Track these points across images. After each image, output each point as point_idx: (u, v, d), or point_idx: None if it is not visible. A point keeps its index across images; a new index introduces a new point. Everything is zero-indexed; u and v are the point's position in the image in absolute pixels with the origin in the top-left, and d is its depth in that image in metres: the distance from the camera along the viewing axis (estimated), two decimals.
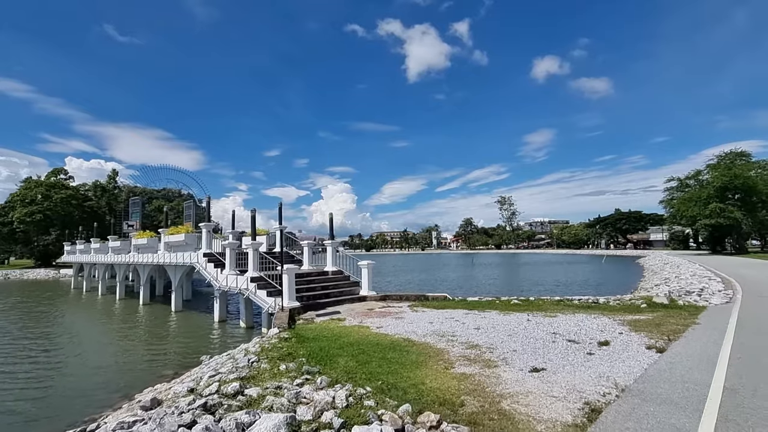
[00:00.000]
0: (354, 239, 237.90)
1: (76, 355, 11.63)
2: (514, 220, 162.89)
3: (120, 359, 11.08)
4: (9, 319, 18.50)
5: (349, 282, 14.68)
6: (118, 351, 12.09)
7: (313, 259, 16.44)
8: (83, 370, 10.06)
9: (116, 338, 14.03)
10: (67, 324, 17.40)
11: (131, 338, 13.96)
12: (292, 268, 11.48)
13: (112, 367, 10.22)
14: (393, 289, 26.97)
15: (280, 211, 17.65)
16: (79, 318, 19.14)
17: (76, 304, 24.41)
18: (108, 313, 20.09)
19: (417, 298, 13.77)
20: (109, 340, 13.96)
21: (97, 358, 11.30)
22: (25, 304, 24.03)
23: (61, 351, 12.15)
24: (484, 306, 12.24)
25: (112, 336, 14.57)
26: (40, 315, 19.62)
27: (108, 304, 23.21)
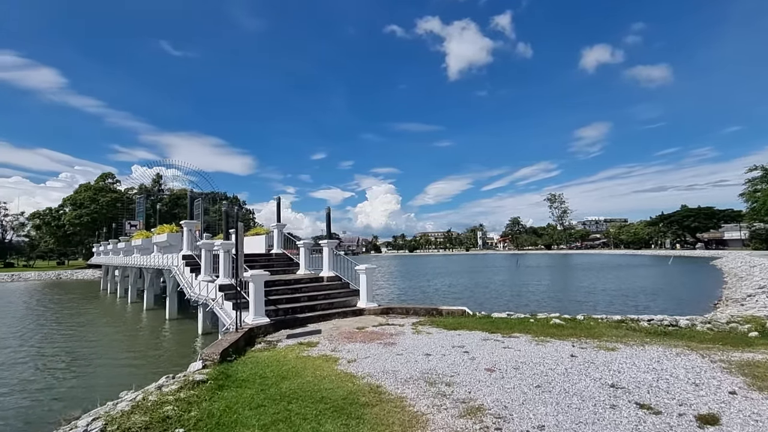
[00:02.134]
0: (397, 240, 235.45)
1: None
2: (565, 219, 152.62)
3: (54, 380, 9.15)
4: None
5: (347, 291, 12.03)
6: (64, 367, 10.24)
7: (311, 262, 13.99)
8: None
9: (85, 347, 12.33)
10: (47, 329, 16.17)
11: (99, 350, 12.17)
12: (258, 274, 9.01)
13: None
14: (416, 295, 23.90)
15: (278, 207, 15.42)
16: (73, 322, 17.97)
17: (87, 306, 23.72)
18: (108, 318, 18.86)
19: (427, 312, 10.85)
20: (70, 350, 12.26)
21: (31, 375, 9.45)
22: (43, 304, 23.71)
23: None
24: (512, 326, 9.10)
25: (79, 345, 12.91)
26: (35, 315, 18.76)
27: (118, 308, 22.24)
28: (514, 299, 20.59)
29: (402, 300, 21.93)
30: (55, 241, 60.59)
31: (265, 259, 14.62)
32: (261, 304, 9.18)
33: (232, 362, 6.59)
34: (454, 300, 20.73)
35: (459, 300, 20.68)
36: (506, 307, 17.71)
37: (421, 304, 14.85)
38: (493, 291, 24.84)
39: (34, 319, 18.80)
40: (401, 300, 21.94)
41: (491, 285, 28.94)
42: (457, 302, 19.45)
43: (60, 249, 64.18)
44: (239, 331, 8.10)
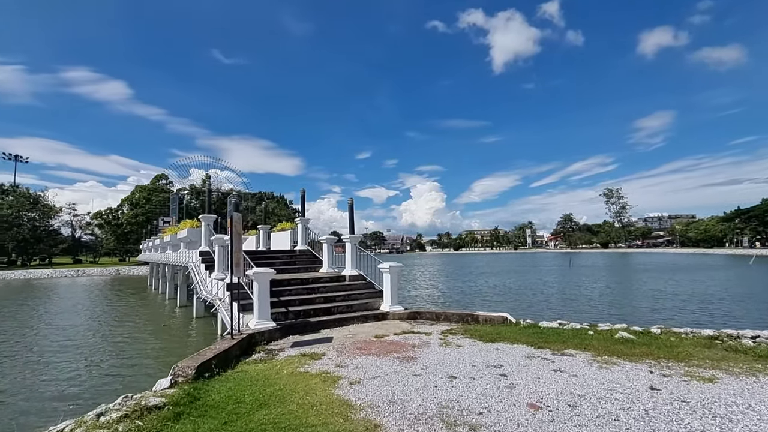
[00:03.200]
0: (442, 238, 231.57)
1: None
2: (623, 215, 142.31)
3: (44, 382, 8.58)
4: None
5: (370, 292, 10.69)
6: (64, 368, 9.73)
7: (335, 259, 12.80)
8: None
9: (104, 343, 11.96)
10: (76, 324, 16.23)
11: (112, 348, 11.73)
12: (262, 272, 7.90)
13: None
14: (454, 297, 21.94)
15: (302, 200, 14.42)
16: (111, 317, 18.07)
17: (129, 301, 24.21)
18: (140, 315, 18.85)
19: (461, 318, 9.25)
20: (79, 349, 11.90)
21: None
22: (93, 298, 24.56)
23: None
24: (565, 340, 7.32)
25: (99, 341, 12.57)
26: (82, 309, 19.13)
27: (156, 304, 22.44)
28: (566, 304, 18.27)
29: (437, 302, 20.24)
30: (115, 239, 64.76)
31: (287, 256, 13.65)
32: (266, 306, 8.06)
33: (210, 379, 5.44)
34: (497, 304, 18.71)
35: (502, 304, 18.66)
36: (557, 314, 15.59)
37: (454, 308, 13.22)
38: (542, 294, 22.43)
39: (79, 313, 19.23)
40: (435, 302, 20.25)
41: (540, 287, 26.42)
42: (500, 306, 17.48)
43: (120, 246, 68.50)
44: (235, 338, 7.00)
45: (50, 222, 68.16)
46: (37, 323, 16.66)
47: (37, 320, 17.46)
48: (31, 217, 66.08)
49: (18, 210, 63.23)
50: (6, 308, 21.62)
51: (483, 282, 31.23)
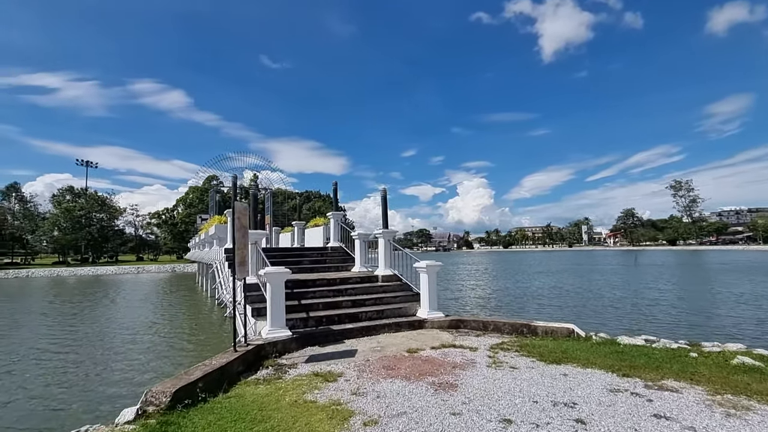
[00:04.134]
0: (490, 235, 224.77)
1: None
2: (694, 209, 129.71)
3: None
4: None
5: (406, 295, 9.27)
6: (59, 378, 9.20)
7: (370, 257, 11.55)
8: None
9: (132, 342, 11.53)
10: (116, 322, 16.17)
11: (124, 352, 11.22)
12: (275, 272, 6.75)
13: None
14: (504, 301, 19.64)
15: (334, 193, 13.33)
16: (156, 315, 18.04)
17: (177, 298, 24.52)
18: (180, 312, 18.72)
19: (515, 329, 7.59)
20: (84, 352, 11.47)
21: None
22: (146, 294, 25.22)
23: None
24: (659, 365, 5.50)
25: (103, 343, 12.16)
26: (123, 307, 19.38)
27: (200, 302, 22.45)
28: (642, 312, 15.70)
29: (484, 308, 18.28)
30: (171, 238, 68.36)
31: (317, 254, 12.58)
32: (280, 312, 6.91)
33: (190, 408, 4.30)
34: (556, 310, 16.40)
35: (563, 311, 16.37)
36: (633, 323, 13.27)
37: (506, 316, 11.48)
38: (610, 298, 19.77)
39: (130, 308, 19.53)
40: (482, 308, 18.30)
41: (605, 289, 23.60)
42: (561, 314, 15.29)
43: (176, 244, 72.21)
44: (239, 350, 5.88)
45: (116, 222, 73.24)
46: (96, 319, 16.95)
47: (94, 317, 17.83)
48: (100, 217, 71.30)
49: (88, 211, 68.40)
50: (86, 301, 22.61)
51: (537, 283, 28.70)
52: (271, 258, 11.52)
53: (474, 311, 16.80)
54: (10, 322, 16.95)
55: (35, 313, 19.47)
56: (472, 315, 9.33)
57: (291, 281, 8.93)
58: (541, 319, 8.40)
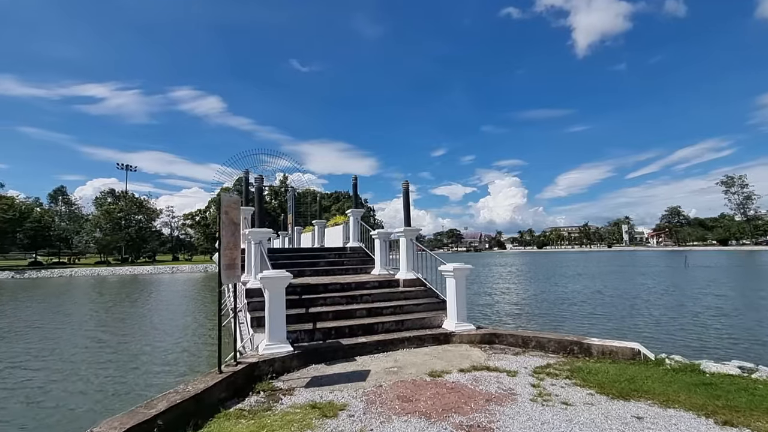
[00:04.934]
0: (524, 235, 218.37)
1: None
2: (748, 207, 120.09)
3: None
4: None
5: (431, 303, 8.06)
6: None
7: (391, 259, 10.43)
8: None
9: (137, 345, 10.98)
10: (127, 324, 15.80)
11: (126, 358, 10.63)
12: (273, 276, 5.75)
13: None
14: (543, 309, 17.68)
15: (354, 188, 12.31)
16: (176, 317, 17.67)
17: (203, 299, 24.32)
18: (193, 313, 18.29)
19: (561, 347, 6.23)
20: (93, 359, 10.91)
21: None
22: (175, 294, 25.23)
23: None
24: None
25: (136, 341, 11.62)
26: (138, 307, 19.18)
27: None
28: (707, 324, 13.68)
29: (519, 317, 16.56)
30: (204, 238, 69.96)
31: (335, 255, 11.57)
32: (280, 324, 5.89)
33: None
34: (605, 321, 14.31)
35: (613, 321, 14.38)
36: (703, 340, 11.41)
37: (549, 330, 10.06)
38: (665, 306, 17.64)
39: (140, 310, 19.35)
40: (518, 316, 16.59)
41: (658, 295, 21.34)
42: (610, 325, 13.45)
43: (209, 245, 73.80)
44: (226, 371, 4.90)
45: (153, 224, 75.81)
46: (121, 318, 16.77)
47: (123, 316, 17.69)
48: (138, 219, 73.95)
49: (127, 213, 71.07)
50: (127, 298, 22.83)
51: (578, 287, 26.60)
52: (283, 259, 10.61)
53: (508, 321, 15.06)
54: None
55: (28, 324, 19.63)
56: (509, 329, 8.00)
57: (300, 286, 7.95)
58: (594, 334, 6.97)
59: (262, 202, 8.10)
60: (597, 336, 6.67)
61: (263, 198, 8.18)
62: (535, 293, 23.63)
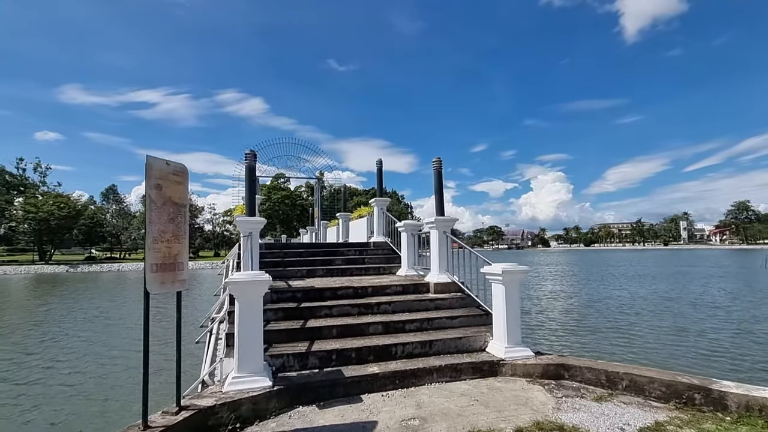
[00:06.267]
0: (569, 232, 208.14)
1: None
2: None
3: None
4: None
5: (471, 315, 6.08)
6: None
7: (420, 257, 8.52)
8: None
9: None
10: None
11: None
12: (244, 280, 4.06)
13: None
14: (614, 320, 14.69)
15: (379, 174, 10.57)
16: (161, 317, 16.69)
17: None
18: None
19: (673, 392, 4.08)
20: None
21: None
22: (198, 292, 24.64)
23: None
24: None
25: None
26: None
27: None
28: None
29: (580, 333, 13.74)
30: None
31: (356, 251, 9.82)
32: (254, 347, 4.18)
33: None
34: (706, 343, 11.06)
35: (719, 348, 11.38)
36: None
37: (644, 361, 7.79)
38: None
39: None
40: (578, 334, 13.48)
41: (753, 306, 17.90)
42: (717, 350, 10.57)
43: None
44: (155, 425, 3.24)
45: (195, 220, 77.99)
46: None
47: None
48: None
49: None
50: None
51: (645, 291, 23.34)
52: (293, 256, 8.97)
53: (566, 340, 12.27)
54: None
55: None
56: (582, 358, 5.89)
57: (301, 290, 6.25)
58: (699, 364, 4.70)
59: (253, 184, 6.45)
60: (719, 372, 4.45)
61: (255, 179, 6.54)
62: (593, 299, 20.66)
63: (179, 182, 3.65)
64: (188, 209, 3.83)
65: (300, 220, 55.01)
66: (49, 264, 59.22)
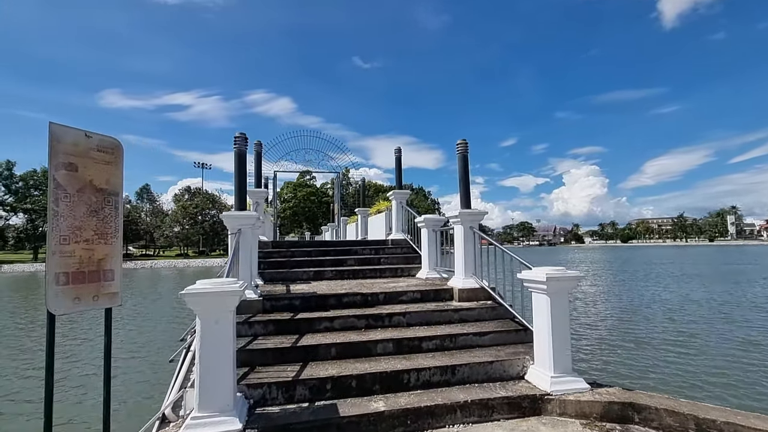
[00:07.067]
0: (605, 228, 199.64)
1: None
2: None
3: None
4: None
5: (505, 331, 4.92)
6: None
7: (444, 257, 7.40)
8: None
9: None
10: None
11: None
12: (205, 292, 3.10)
13: None
14: (661, 334, 12.49)
15: (398, 163, 9.53)
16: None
17: None
18: None
19: None
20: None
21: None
22: None
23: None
24: None
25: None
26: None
27: None
28: None
29: (636, 348, 11.25)
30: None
31: (371, 249, 8.80)
32: (221, 378, 3.21)
33: None
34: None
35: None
36: None
37: (731, 397, 6.49)
38: None
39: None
40: (627, 347, 11.30)
41: None
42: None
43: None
44: None
45: None
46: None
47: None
48: (212, 214, 77.86)
49: (202, 209, 75.08)
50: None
51: (701, 293, 21.11)
52: (300, 255, 8.06)
53: (609, 357, 10.05)
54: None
55: None
56: (654, 394, 4.64)
57: (300, 297, 5.28)
58: None
59: (243, 172, 5.52)
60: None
61: (245, 166, 5.60)
62: (637, 304, 18.65)
63: (108, 162, 2.70)
64: (122, 200, 2.88)
65: (326, 217, 55.00)
66: None
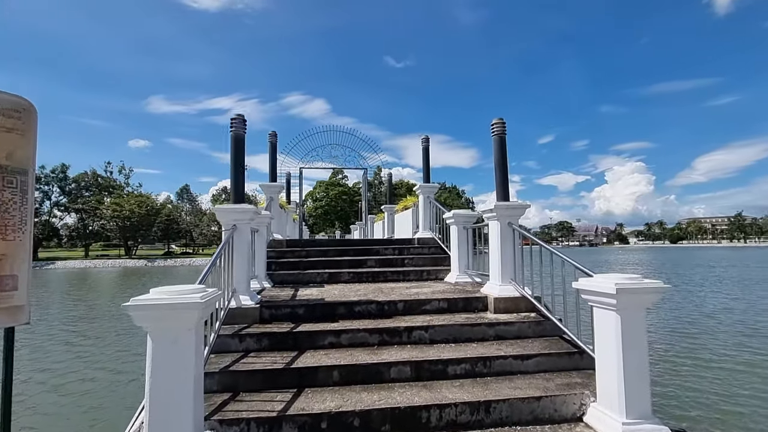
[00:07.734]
0: (652, 228, 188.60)
1: None
2: None
3: None
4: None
5: (555, 354, 3.90)
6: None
7: (475, 257, 6.40)
8: None
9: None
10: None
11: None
12: (153, 303, 2.34)
13: None
14: (719, 359, 9.29)
15: (425, 155, 8.63)
16: None
17: None
18: None
19: None
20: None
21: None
22: None
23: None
24: None
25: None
26: None
27: None
28: None
29: (707, 370, 9.02)
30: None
31: (394, 249, 7.92)
32: (181, 412, 2.44)
33: None
34: None
35: None
36: None
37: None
38: None
39: None
40: (702, 371, 9.15)
41: None
42: None
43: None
44: None
45: None
46: None
47: None
48: None
49: None
50: None
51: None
52: (316, 255, 7.31)
53: (673, 379, 8.30)
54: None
55: None
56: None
57: (304, 305, 4.50)
58: None
59: (240, 159, 4.79)
60: None
61: (243, 152, 4.86)
62: (700, 313, 16.59)
63: (10, 129, 1.98)
64: (33, 180, 2.15)
65: (357, 216, 55.22)
66: (132, 258, 64.68)
